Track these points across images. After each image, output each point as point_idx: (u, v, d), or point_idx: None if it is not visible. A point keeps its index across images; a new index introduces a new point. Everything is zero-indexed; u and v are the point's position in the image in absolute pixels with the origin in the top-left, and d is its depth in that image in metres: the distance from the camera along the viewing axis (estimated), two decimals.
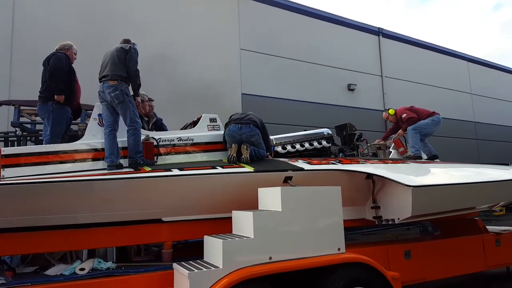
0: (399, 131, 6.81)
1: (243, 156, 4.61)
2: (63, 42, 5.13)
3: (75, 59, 5.23)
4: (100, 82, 4.60)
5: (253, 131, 4.85)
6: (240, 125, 4.83)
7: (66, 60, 4.90)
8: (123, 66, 4.62)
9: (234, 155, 4.60)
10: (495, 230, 6.23)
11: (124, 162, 4.39)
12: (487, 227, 6.35)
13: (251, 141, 4.78)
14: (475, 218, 6.35)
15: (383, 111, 7.42)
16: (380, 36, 16.05)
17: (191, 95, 10.38)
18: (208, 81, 11.00)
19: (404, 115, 6.77)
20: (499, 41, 64.63)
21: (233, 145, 4.68)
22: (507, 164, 8.61)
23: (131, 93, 4.67)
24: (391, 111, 7.04)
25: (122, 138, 4.49)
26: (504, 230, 6.25)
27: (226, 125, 5.04)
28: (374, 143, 7.03)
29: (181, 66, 10.77)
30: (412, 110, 6.89)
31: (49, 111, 4.71)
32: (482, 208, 6.40)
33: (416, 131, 6.56)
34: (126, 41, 4.94)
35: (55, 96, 4.69)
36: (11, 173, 3.85)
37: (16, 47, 8.83)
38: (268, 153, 5.17)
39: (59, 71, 4.76)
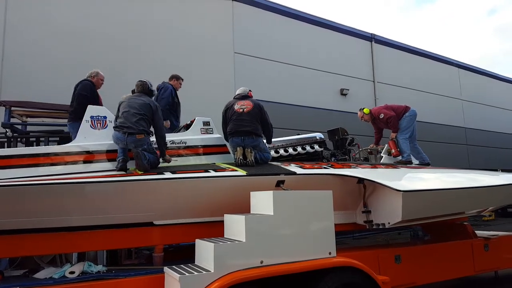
0: (391, 134, 6.71)
1: (248, 159, 4.71)
2: (91, 70, 5.55)
3: (102, 84, 5.67)
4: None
5: (255, 141, 4.93)
6: (242, 137, 4.89)
7: (91, 87, 5.27)
8: None
9: (241, 157, 4.72)
10: (484, 235, 6.30)
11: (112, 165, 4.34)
12: (476, 232, 6.42)
13: (254, 146, 4.89)
14: (465, 223, 6.42)
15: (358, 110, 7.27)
16: (373, 42, 16.17)
17: (184, 98, 10.34)
18: (201, 84, 11.00)
19: (382, 115, 6.70)
20: (492, 45, 65.59)
21: (238, 148, 4.80)
22: (496, 170, 8.74)
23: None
24: (366, 110, 6.98)
25: (109, 141, 4.42)
26: (493, 235, 6.32)
27: (225, 128, 5.08)
28: (368, 147, 7.05)
29: (175, 69, 10.73)
30: (388, 108, 6.82)
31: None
32: (471, 213, 6.48)
33: (405, 138, 6.53)
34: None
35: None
36: (2, 175, 3.80)
37: (7, 47, 8.74)
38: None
39: (82, 97, 5.08)
